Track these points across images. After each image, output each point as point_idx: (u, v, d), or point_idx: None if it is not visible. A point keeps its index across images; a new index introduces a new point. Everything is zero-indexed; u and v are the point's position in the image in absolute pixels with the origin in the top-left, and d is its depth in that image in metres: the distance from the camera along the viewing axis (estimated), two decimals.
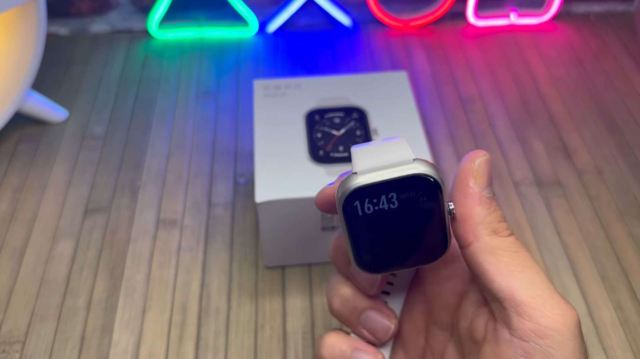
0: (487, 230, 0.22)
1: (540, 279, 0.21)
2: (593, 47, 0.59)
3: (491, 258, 0.21)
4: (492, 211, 0.22)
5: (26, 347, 0.36)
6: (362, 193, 0.20)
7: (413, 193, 0.20)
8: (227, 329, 0.36)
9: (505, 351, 0.21)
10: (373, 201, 0.20)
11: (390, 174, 0.20)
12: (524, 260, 0.22)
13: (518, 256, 0.22)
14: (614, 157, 0.47)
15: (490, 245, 0.22)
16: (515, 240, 0.22)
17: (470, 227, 0.22)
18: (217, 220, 0.43)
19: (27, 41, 0.46)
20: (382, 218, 0.21)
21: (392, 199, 0.20)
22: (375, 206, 0.20)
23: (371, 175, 0.20)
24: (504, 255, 0.21)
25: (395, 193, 0.20)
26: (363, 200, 0.20)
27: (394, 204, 0.20)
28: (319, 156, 0.37)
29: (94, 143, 0.49)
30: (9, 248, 0.41)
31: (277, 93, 0.41)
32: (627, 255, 0.40)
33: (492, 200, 0.22)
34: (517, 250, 0.22)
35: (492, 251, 0.22)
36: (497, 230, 0.22)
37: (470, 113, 0.51)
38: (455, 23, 0.62)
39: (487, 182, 0.23)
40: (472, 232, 0.22)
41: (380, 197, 0.20)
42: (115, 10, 0.60)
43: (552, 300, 0.21)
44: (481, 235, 0.22)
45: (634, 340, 0.36)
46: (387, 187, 0.20)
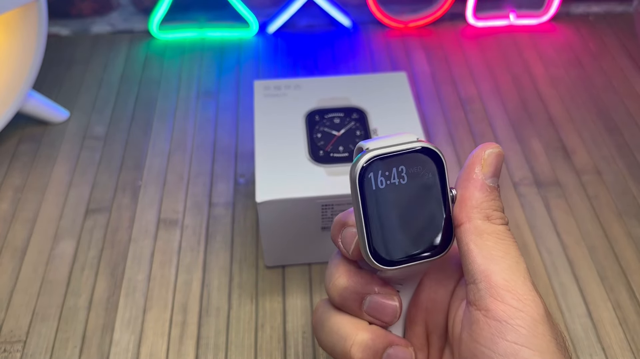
0: (481, 214, 0.22)
1: (519, 268, 0.22)
2: (592, 47, 0.59)
3: (477, 240, 0.22)
4: (490, 199, 0.23)
5: (27, 346, 0.36)
6: (376, 164, 0.22)
7: (420, 168, 0.22)
8: (228, 329, 0.37)
9: (479, 332, 0.21)
10: (385, 174, 0.22)
11: (399, 147, 0.22)
12: (508, 247, 0.22)
13: (503, 243, 0.22)
14: (613, 157, 0.48)
15: (480, 228, 0.22)
16: (506, 230, 0.23)
17: (465, 209, 0.23)
18: (217, 220, 0.43)
19: (28, 42, 0.46)
20: (393, 194, 0.22)
21: (402, 173, 0.22)
22: (387, 181, 0.22)
23: (382, 149, 0.22)
24: (489, 239, 0.22)
25: (405, 167, 0.22)
26: (377, 173, 0.22)
27: (403, 179, 0.22)
28: (319, 156, 0.37)
29: (95, 143, 0.49)
30: (10, 248, 0.41)
31: (278, 94, 0.41)
32: (626, 255, 0.40)
33: (493, 190, 0.23)
34: (504, 238, 0.22)
35: (480, 234, 0.22)
36: (490, 216, 0.23)
37: (470, 113, 0.52)
38: (454, 24, 0.62)
39: (493, 172, 0.23)
40: (465, 213, 0.23)
41: (392, 170, 0.22)
42: (116, 11, 0.60)
43: (525, 287, 0.21)
44: (474, 217, 0.22)
45: (633, 339, 0.36)
46: (397, 159, 0.22)
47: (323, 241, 0.38)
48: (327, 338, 0.25)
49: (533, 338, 0.20)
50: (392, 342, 0.24)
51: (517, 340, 0.20)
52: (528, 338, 0.20)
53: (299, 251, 0.39)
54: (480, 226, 0.22)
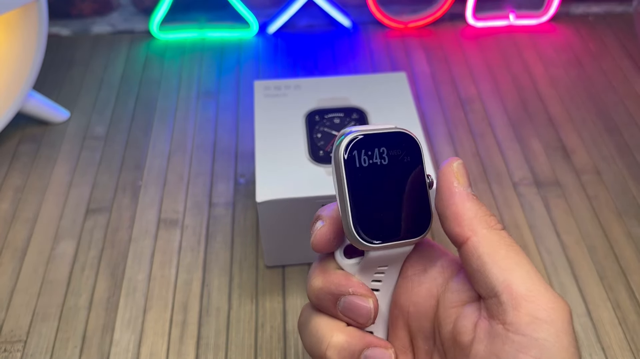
0: (483, 223, 0.22)
1: (536, 273, 0.21)
2: (592, 47, 0.59)
3: (490, 251, 0.22)
4: (481, 205, 0.23)
5: (27, 346, 0.36)
6: (359, 143, 0.23)
7: (399, 151, 0.23)
8: (228, 328, 0.37)
9: (501, 346, 0.21)
10: (368, 153, 0.23)
11: (379, 130, 0.23)
12: (518, 253, 0.22)
13: (513, 249, 0.22)
14: (613, 157, 0.48)
15: (489, 238, 0.22)
16: (508, 234, 0.23)
17: (465, 223, 0.22)
18: (217, 220, 0.43)
19: (28, 42, 0.46)
20: (375, 174, 0.23)
21: (383, 154, 0.23)
22: (370, 159, 0.23)
23: (365, 131, 0.23)
24: (501, 248, 0.22)
25: (385, 148, 0.23)
26: (360, 151, 0.23)
27: (384, 160, 0.23)
28: (319, 156, 0.37)
29: (95, 144, 0.49)
30: (11, 248, 0.41)
31: (278, 94, 0.41)
32: (626, 255, 0.40)
33: (477, 198, 0.23)
34: (511, 243, 0.22)
35: (491, 245, 0.22)
36: (490, 223, 0.22)
37: (470, 113, 0.52)
38: (454, 24, 0.62)
39: (468, 182, 0.23)
40: (468, 227, 0.22)
41: (373, 149, 0.23)
42: (116, 11, 0.60)
43: (548, 293, 0.21)
44: (478, 228, 0.22)
45: (633, 339, 0.36)
46: (378, 140, 0.23)
47: None
48: (307, 340, 0.25)
49: (557, 353, 0.20)
50: (369, 343, 0.24)
51: (541, 355, 0.20)
52: (552, 352, 0.20)
53: (299, 251, 0.39)
54: (488, 236, 0.22)
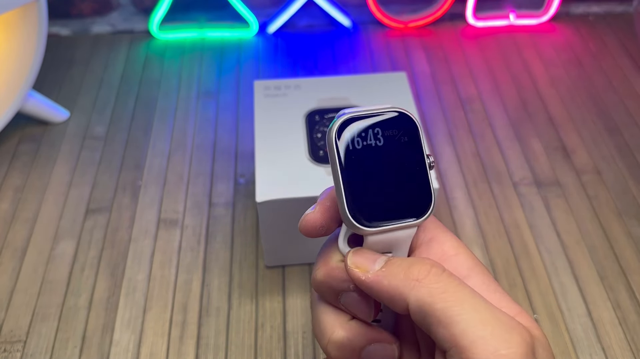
0: (407, 286, 0.21)
1: (484, 305, 0.20)
2: (592, 47, 0.59)
3: (427, 311, 0.20)
4: (394, 270, 0.21)
5: (27, 346, 0.36)
6: (352, 125, 0.22)
7: (395, 131, 0.22)
8: (228, 329, 0.37)
9: None
10: (362, 134, 0.22)
11: (373, 110, 0.23)
12: (455, 293, 0.20)
13: (448, 293, 0.20)
14: (613, 157, 0.48)
15: (421, 299, 0.20)
16: (440, 273, 0.21)
17: (397, 295, 0.21)
18: (217, 220, 0.43)
19: (28, 42, 0.46)
20: (370, 156, 0.22)
21: (378, 135, 0.22)
22: (364, 141, 0.22)
23: (358, 112, 0.22)
24: (437, 302, 0.20)
25: (380, 129, 0.22)
26: (353, 133, 0.22)
27: (380, 141, 0.22)
28: (319, 156, 0.37)
29: (95, 144, 0.49)
30: (11, 248, 0.41)
31: (278, 94, 0.41)
32: (626, 255, 0.40)
33: (390, 263, 0.22)
34: (443, 282, 0.20)
35: (425, 305, 0.20)
36: (417, 276, 0.21)
37: (470, 113, 0.52)
38: (454, 24, 0.62)
39: (368, 264, 0.22)
40: (399, 297, 0.21)
41: (367, 131, 0.22)
42: (116, 11, 0.60)
43: (500, 328, 0.19)
44: (408, 294, 0.21)
45: (633, 339, 0.36)
46: (373, 121, 0.22)
47: (323, 241, 0.38)
48: (313, 326, 0.25)
49: None
50: (373, 339, 0.23)
51: None
52: None
53: (299, 251, 0.39)
54: (419, 296, 0.20)
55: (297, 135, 0.38)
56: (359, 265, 0.22)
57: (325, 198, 0.24)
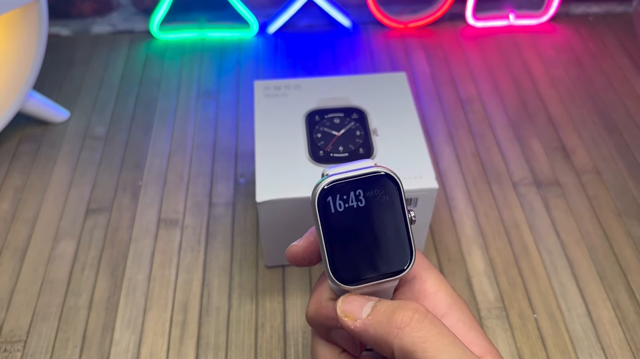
0: (391, 334, 0.22)
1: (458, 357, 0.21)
2: (592, 47, 0.59)
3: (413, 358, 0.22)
4: (379, 317, 0.22)
5: (27, 346, 0.36)
6: (334, 189, 0.23)
7: (377, 191, 0.23)
8: (228, 328, 0.37)
9: None
10: (343, 197, 0.23)
11: (356, 173, 0.23)
12: (435, 343, 0.21)
13: (429, 343, 0.21)
14: (613, 157, 0.48)
15: (404, 348, 0.21)
16: (422, 320, 0.22)
17: (383, 343, 0.22)
18: (217, 220, 0.43)
19: (28, 42, 0.46)
20: (352, 217, 0.23)
21: (359, 196, 0.23)
22: (345, 204, 0.23)
23: (340, 175, 0.23)
24: (418, 351, 0.21)
25: (362, 190, 0.23)
26: (335, 196, 0.23)
27: (361, 202, 0.23)
28: (319, 156, 0.37)
29: (95, 144, 0.49)
30: (11, 248, 0.41)
31: (278, 94, 0.41)
32: (626, 255, 0.41)
33: (376, 310, 0.23)
34: (424, 331, 0.21)
35: (410, 353, 0.21)
36: (398, 324, 0.22)
37: (470, 113, 0.52)
38: (454, 24, 0.62)
39: (357, 311, 0.23)
40: (385, 344, 0.22)
41: (349, 193, 0.23)
42: (116, 11, 0.60)
43: None
44: (392, 342, 0.22)
45: (632, 339, 0.36)
46: (354, 184, 0.23)
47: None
48: (311, 356, 0.27)
49: None
50: None
51: None
52: None
53: None
54: (400, 346, 0.22)
55: (297, 135, 0.38)
56: (347, 313, 0.23)
57: (311, 234, 0.26)
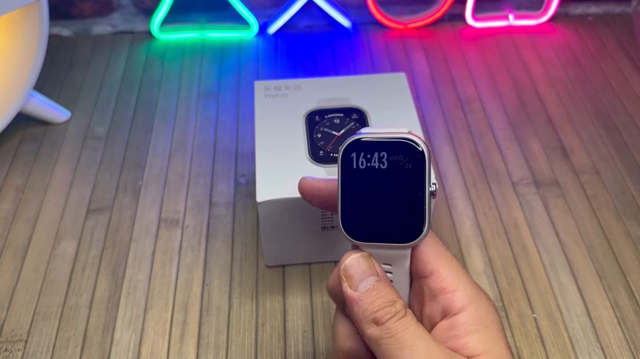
0: (367, 324, 0.23)
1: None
2: (591, 48, 0.59)
3: (375, 349, 0.23)
4: (370, 302, 0.23)
5: (28, 345, 0.36)
6: (359, 145, 0.24)
7: (401, 157, 0.23)
8: (228, 328, 0.37)
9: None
10: (367, 156, 0.23)
11: (386, 136, 0.24)
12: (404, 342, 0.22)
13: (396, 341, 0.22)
14: (612, 157, 0.48)
15: (371, 337, 0.23)
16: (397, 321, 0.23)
17: (359, 325, 0.23)
18: (218, 220, 0.43)
19: (29, 42, 0.46)
20: (371, 177, 0.23)
21: (382, 158, 0.23)
22: (368, 163, 0.23)
23: (370, 135, 0.24)
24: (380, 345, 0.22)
25: (387, 153, 0.23)
26: (359, 153, 0.23)
27: (383, 164, 0.23)
28: (319, 156, 0.37)
29: (96, 144, 0.49)
30: (12, 248, 0.41)
31: (278, 94, 0.41)
32: (625, 254, 0.41)
33: (369, 292, 0.23)
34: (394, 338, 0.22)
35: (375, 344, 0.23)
36: (376, 318, 0.23)
37: (469, 113, 0.52)
38: (453, 24, 0.62)
39: (357, 280, 0.24)
40: (360, 327, 0.23)
41: (373, 154, 0.23)
42: (117, 12, 0.60)
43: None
44: (364, 330, 0.23)
45: (632, 338, 0.36)
46: (380, 145, 0.23)
47: (323, 241, 0.38)
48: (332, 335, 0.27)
49: None
50: None
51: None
52: None
53: (299, 250, 0.39)
54: (371, 334, 0.23)
55: (297, 135, 0.38)
56: (349, 276, 0.24)
57: (331, 180, 0.27)
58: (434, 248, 0.25)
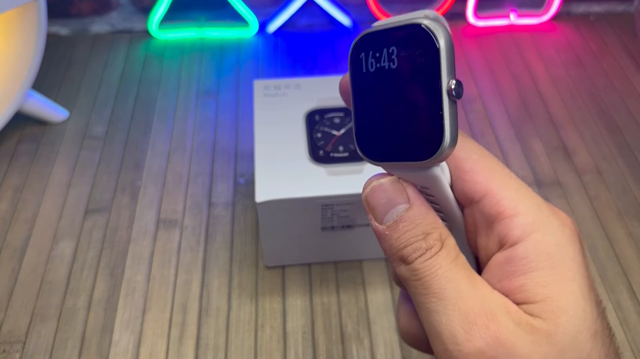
0: (395, 262, 0.19)
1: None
2: (593, 47, 0.59)
3: (408, 288, 0.19)
4: (396, 237, 0.19)
5: (27, 347, 0.36)
6: (368, 43, 0.20)
7: (412, 50, 0.18)
8: (228, 329, 0.37)
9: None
10: (376, 55, 0.19)
11: (394, 24, 0.19)
12: (430, 287, 0.19)
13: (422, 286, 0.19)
14: (614, 156, 0.47)
15: (401, 277, 0.19)
16: (426, 260, 0.19)
17: (390, 260, 0.20)
18: (217, 220, 0.43)
19: (27, 41, 0.46)
20: (382, 81, 0.19)
21: (392, 55, 0.19)
22: (377, 63, 0.19)
23: (380, 25, 0.19)
24: (411, 287, 0.19)
25: (396, 48, 0.19)
26: (368, 53, 0.20)
27: (393, 63, 0.19)
28: (319, 156, 0.37)
29: (95, 143, 0.49)
30: (10, 248, 0.41)
31: (277, 94, 0.41)
32: (627, 255, 0.40)
33: (395, 225, 0.19)
34: (423, 280, 0.19)
35: (405, 282, 0.19)
36: (403, 256, 0.19)
37: (470, 113, 0.52)
38: (455, 23, 0.62)
39: (382, 212, 0.20)
40: (391, 262, 0.20)
41: (382, 51, 0.19)
42: (115, 11, 0.60)
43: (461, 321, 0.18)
44: (394, 268, 0.20)
45: (634, 340, 0.36)
46: (389, 38, 0.19)
47: (323, 241, 0.38)
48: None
49: None
50: None
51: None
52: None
53: (299, 251, 0.39)
54: (401, 274, 0.19)
55: (297, 135, 0.38)
56: (372, 207, 0.20)
57: None
58: (484, 163, 0.20)
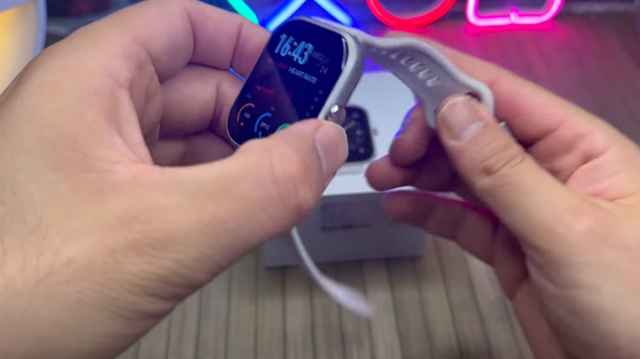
0: (477, 176, 0.20)
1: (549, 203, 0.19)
2: (594, 46, 0.59)
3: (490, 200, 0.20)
4: (478, 150, 0.20)
5: None
6: (296, 28, 0.20)
7: (323, 56, 0.19)
8: (227, 330, 0.36)
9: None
10: (293, 43, 0.20)
11: (326, 26, 0.20)
12: (524, 185, 0.19)
13: (513, 188, 0.19)
14: None
15: (483, 190, 0.20)
16: (513, 167, 0.20)
17: (467, 177, 0.20)
18: None
19: (26, 41, 0.45)
20: (283, 69, 0.20)
21: (305, 51, 0.20)
22: (290, 51, 0.20)
23: (312, 21, 0.20)
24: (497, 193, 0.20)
25: (313, 47, 0.20)
26: (288, 37, 0.20)
27: (302, 58, 0.20)
28: None
29: None
30: None
31: None
32: None
33: (476, 139, 0.20)
34: (510, 181, 0.19)
35: (489, 196, 0.20)
36: (487, 167, 0.20)
37: None
38: (455, 22, 0.61)
39: (461, 128, 0.21)
40: (469, 180, 0.20)
41: (300, 42, 0.20)
42: (114, 9, 0.59)
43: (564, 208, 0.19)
44: (474, 183, 0.20)
45: None
46: (313, 35, 0.20)
47: (323, 241, 0.38)
48: None
49: None
50: None
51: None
52: None
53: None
54: (482, 186, 0.20)
55: None
56: (449, 125, 0.21)
57: (412, 121, 0.25)
58: (551, 97, 0.22)
